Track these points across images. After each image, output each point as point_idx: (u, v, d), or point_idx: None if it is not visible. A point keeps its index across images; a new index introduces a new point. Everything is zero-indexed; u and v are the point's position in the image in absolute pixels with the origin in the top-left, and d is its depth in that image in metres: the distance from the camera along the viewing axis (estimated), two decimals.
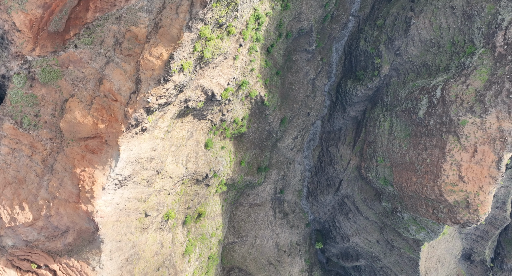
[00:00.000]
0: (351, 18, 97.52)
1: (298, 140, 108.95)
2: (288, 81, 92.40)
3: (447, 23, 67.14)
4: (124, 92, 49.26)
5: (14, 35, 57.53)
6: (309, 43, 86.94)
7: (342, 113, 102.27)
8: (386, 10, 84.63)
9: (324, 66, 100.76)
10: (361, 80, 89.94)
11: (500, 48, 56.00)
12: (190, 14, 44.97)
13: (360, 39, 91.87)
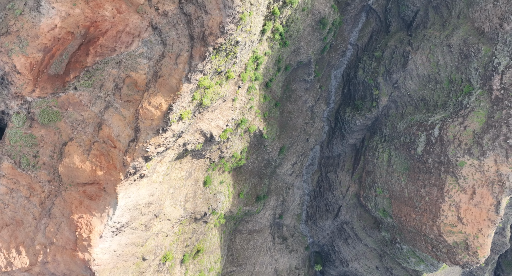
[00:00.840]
0: (349, 47, 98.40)
1: (297, 165, 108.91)
2: (287, 110, 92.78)
3: (444, 61, 67.78)
4: (123, 139, 49.39)
5: (14, 77, 57.92)
6: (307, 74, 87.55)
7: (341, 140, 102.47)
8: (384, 42, 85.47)
9: (323, 93, 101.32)
10: (360, 110, 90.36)
11: (497, 91, 56.43)
12: (189, 66, 45.38)
13: (359, 68, 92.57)
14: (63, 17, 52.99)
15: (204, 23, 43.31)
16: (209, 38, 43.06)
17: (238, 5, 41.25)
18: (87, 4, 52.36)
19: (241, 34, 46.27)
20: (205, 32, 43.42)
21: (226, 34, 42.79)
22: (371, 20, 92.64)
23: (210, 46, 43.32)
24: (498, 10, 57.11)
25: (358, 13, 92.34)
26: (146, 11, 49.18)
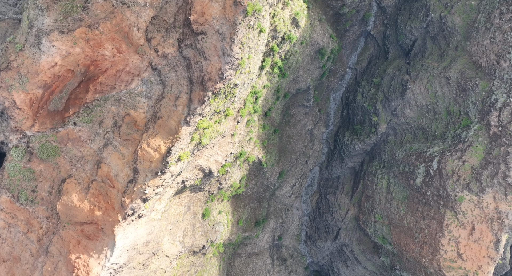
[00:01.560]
0: (348, 70, 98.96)
1: (296, 187, 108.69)
2: (286, 135, 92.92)
3: (442, 92, 68.13)
4: (121, 178, 49.37)
5: (14, 112, 58.12)
6: (306, 99, 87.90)
7: (340, 163, 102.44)
8: (382, 68, 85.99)
9: (322, 116, 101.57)
10: (359, 135, 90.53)
11: (495, 128, 56.63)
12: (188, 109, 45.58)
13: (358, 93, 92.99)
14: (64, 56, 53.36)
15: (203, 68, 43.62)
16: (208, 83, 43.34)
17: (237, 52, 41.60)
18: (87, 43, 52.79)
19: (240, 76, 46.59)
20: (204, 77, 43.71)
21: (225, 80, 43.08)
22: (370, 45, 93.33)
23: (209, 91, 43.59)
24: (495, 47, 57.61)
25: (356, 38, 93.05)
26: (146, 52, 49.56)
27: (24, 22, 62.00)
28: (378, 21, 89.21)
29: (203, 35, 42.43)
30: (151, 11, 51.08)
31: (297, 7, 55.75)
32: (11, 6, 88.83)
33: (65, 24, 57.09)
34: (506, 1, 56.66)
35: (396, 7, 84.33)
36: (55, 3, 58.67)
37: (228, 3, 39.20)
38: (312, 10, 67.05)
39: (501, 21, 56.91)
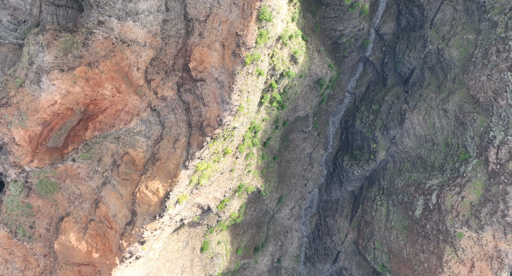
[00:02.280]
0: (347, 94, 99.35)
1: (295, 209, 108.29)
2: (285, 160, 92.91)
3: (441, 124, 68.35)
4: (119, 220, 49.22)
5: (13, 147, 58.17)
6: (305, 125, 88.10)
7: (339, 186, 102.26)
8: (381, 95, 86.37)
9: (321, 139, 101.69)
10: (358, 160, 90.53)
11: (493, 165, 56.72)
12: (187, 153, 45.67)
13: (356, 118, 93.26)
14: (63, 94, 53.63)
15: (202, 113, 43.82)
16: (207, 129, 43.50)
17: (236, 99, 41.84)
18: (87, 82, 53.10)
19: (239, 119, 46.78)
20: (203, 123, 43.89)
21: (223, 126, 43.23)
22: (368, 71, 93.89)
23: (208, 137, 43.70)
24: (492, 84, 58.01)
25: (355, 64, 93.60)
26: (145, 94, 49.83)
27: (24, 56, 62.41)
28: (377, 47, 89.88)
29: (202, 82, 42.70)
30: (150, 52, 51.49)
31: (296, 45, 56.22)
32: (12, 31, 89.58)
33: (65, 61, 57.48)
34: (502, 39, 57.21)
35: (394, 35, 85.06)
36: (56, 40, 59.21)
37: (227, 53, 39.53)
38: (311, 43, 67.60)
39: (497, 59, 57.38)
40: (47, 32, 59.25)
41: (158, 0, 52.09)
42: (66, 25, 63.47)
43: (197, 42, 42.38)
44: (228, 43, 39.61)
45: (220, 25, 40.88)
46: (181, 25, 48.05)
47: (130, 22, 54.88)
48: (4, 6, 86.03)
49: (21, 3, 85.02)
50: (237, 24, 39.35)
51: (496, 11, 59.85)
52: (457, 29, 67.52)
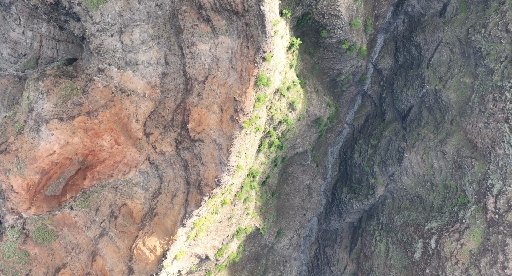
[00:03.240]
0: (345, 126, 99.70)
1: (294, 239, 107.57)
2: (284, 193, 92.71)
3: (439, 165, 68.43)
4: (116, 275, 48.80)
5: (10, 194, 58.03)
6: (304, 159, 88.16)
7: (338, 217, 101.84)
8: (379, 130, 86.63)
9: (320, 170, 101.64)
10: (356, 194, 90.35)
11: (492, 213, 56.62)
12: (184, 210, 45.57)
13: (355, 151, 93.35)
14: (62, 145, 53.75)
15: (200, 172, 43.88)
16: (205, 188, 43.49)
17: (234, 160, 41.94)
18: (86, 133, 53.27)
19: (237, 175, 46.84)
20: (201, 182, 43.91)
21: (221, 185, 43.24)
22: (367, 104, 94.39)
23: (206, 196, 43.67)
24: (490, 132, 58.31)
25: (353, 97, 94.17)
26: (144, 147, 49.95)
27: (24, 101, 62.73)
28: (375, 82, 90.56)
29: (200, 142, 42.87)
30: (150, 103, 51.81)
31: (294, 94, 56.63)
32: (12, 63, 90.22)
33: (64, 109, 57.77)
34: (498, 88, 57.71)
35: (392, 70, 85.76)
36: (56, 86, 59.63)
37: (225, 118, 39.79)
38: (309, 85, 68.10)
39: (494, 107, 57.79)
40: (47, 79, 59.68)
41: (157, 53, 52.66)
42: (66, 69, 63.92)
43: (196, 103, 42.68)
44: (227, 107, 39.91)
45: (218, 88, 41.23)
46: (180, 80, 48.47)
47: (130, 72, 55.37)
48: (5, 40, 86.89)
49: (22, 38, 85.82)
50: (235, 89, 39.71)
51: (492, 58, 60.49)
52: (454, 71, 68.14)
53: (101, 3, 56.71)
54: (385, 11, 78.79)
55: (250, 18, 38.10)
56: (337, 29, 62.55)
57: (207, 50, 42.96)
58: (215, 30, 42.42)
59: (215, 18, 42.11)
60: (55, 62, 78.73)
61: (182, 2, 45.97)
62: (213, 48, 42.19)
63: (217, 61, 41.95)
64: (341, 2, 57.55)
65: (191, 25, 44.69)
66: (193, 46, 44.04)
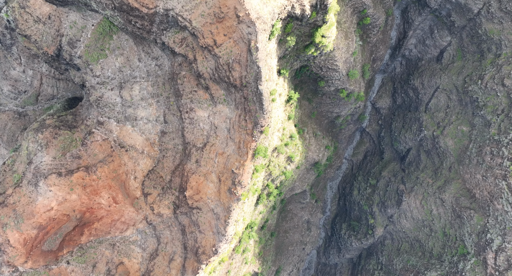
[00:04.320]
0: (344, 161, 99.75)
1: (293, 272, 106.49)
2: (283, 230, 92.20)
3: (438, 212, 68.27)
4: None
5: (7, 248, 57.63)
6: (303, 198, 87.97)
7: (337, 252, 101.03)
8: (378, 169, 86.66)
9: (318, 205, 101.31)
10: (356, 232, 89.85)
11: (492, 269, 56.24)
12: (181, 275, 45.25)
13: (354, 187, 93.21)
14: (60, 201, 53.67)
15: (198, 240, 43.75)
16: (202, 256, 43.30)
17: (231, 230, 41.83)
18: (84, 189, 53.25)
19: (235, 236, 46.66)
20: (198, 249, 43.74)
21: (219, 254, 43.06)
22: (365, 140, 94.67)
23: (203, 264, 43.44)
24: (488, 186, 58.40)
25: (352, 133, 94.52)
26: (142, 207, 49.89)
27: (23, 150, 62.84)
28: (373, 119, 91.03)
29: (198, 210, 42.84)
30: (148, 161, 51.97)
31: (292, 148, 56.85)
32: (12, 99, 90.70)
33: (63, 163, 57.87)
34: (496, 142, 58.01)
35: (390, 110, 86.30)
36: (55, 139, 59.83)
37: (223, 189, 39.86)
38: (307, 132, 68.43)
39: (492, 161, 58.01)
40: (46, 130, 59.92)
41: (157, 111, 53.07)
42: (65, 119, 64.24)
43: (194, 170, 42.83)
44: (224, 178, 40.06)
45: (216, 157, 41.44)
46: (179, 140, 48.70)
47: (129, 127, 55.69)
48: (6, 77, 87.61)
49: (22, 76, 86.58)
50: (233, 160, 39.93)
51: (489, 110, 60.96)
52: (452, 118, 68.57)
53: (102, 58, 57.44)
54: (383, 54, 79.74)
55: (248, 93, 38.56)
56: (335, 80, 63.23)
57: (205, 117, 43.32)
58: (213, 99, 42.86)
59: (213, 87, 42.60)
60: (55, 105, 79.26)
61: (181, 67, 46.56)
62: (212, 116, 42.57)
63: (216, 130, 42.27)
64: (338, 57, 58.30)
65: (190, 91, 45.17)
66: (191, 111, 44.42)
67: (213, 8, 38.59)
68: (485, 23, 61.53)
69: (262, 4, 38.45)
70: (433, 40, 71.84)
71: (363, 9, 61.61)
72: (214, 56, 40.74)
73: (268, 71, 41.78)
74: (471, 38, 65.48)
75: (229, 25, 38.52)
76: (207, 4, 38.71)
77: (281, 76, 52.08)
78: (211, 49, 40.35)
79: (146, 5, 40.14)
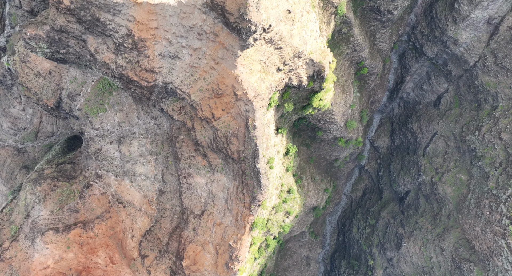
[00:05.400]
0: (343, 196, 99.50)
1: None
2: (282, 268, 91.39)
3: (437, 260, 67.75)
4: None
5: None
6: (302, 237, 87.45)
7: None
8: (377, 208, 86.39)
9: (318, 240, 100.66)
10: (355, 271, 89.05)
11: None
12: None
13: (353, 225, 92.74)
14: (57, 260, 53.30)
15: None
16: None
17: None
18: (81, 248, 52.94)
19: None
20: None
21: None
22: (364, 177, 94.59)
23: None
24: (487, 241, 58.15)
25: (351, 170, 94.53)
26: (139, 270, 49.53)
27: (21, 201, 62.69)
28: (372, 157, 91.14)
29: None
30: (146, 219, 51.82)
31: (290, 204, 56.78)
32: (12, 135, 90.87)
33: (60, 217, 57.69)
34: (494, 196, 58.00)
35: (388, 150, 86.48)
36: (53, 191, 59.77)
37: (220, 262, 39.63)
38: (306, 178, 68.42)
39: (491, 216, 57.88)
40: (44, 182, 59.88)
41: (155, 168, 53.18)
42: (64, 168, 64.27)
43: (191, 238, 42.68)
44: (222, 251, 39.91)
45: (214, 227, 41.36)
46: (177, 201, 48.65)
47: (127, 182, 55.71)
48: (5, 114, 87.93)
49: (22, 114, 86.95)
50: (230, 233, 39.84)
51: (487, 162, 61.08)
52: (450, 165, 68.65)
53: (101, 112, 57.83)
54: (381, 97, 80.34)
55: (246, 167, 38.73)
56: (333, 130, 63.54)
57: (203, 184, 43.37)
58: (211, 166, 42.98)
59: (211, 155, 42.76)
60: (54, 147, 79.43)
61: (179, 131, 46.82)
62: (210, 184, 42.62)
63: (213, 198, 42.27)
64: (336, 112, 58.74)
65: (188, 156, 45.33)
66: (189, 177, 44.50)
67: (212, 85, 39.04)
68: (482, 75, 62.18)
69: (259, 80, 38.92)
70: (430, 86, 72.48)
71: (360, 61, 62.33)
72: (212, 128, 41.02)
73: (266, 140, 42.02)
74: (468, 87, 66.08)
75: (227, 101, 38.91)
76: (206, 81, 39.18)
77: (279, 133, 52.35)
78: (209, 121, 40.66)
79: (145, 79, 40.61)
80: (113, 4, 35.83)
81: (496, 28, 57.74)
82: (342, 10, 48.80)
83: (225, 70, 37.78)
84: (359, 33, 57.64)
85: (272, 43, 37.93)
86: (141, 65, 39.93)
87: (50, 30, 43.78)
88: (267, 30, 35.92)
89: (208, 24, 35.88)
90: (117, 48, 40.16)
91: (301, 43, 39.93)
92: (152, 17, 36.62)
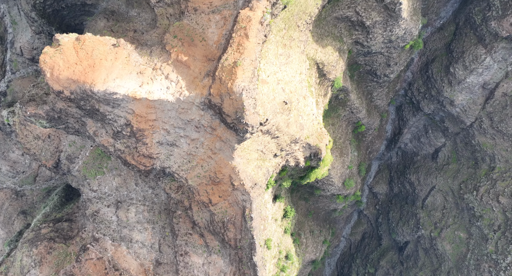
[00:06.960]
0: (342, 239, 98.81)
1: None
2: None
3: None
4: None
5: None
6: None
7: None
8: (376, 256, 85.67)
9: None
10: None
11: None
12: None
13: (353, 270, 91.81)
14: None
15: None
16: None
17: None
18: None
19: None
20: None
21: None
22: (363, 221, 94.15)
23: None
24: None
25: (349, 214, 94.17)
26: None
27: (17, 261, 62.15)
28: (371, 203, 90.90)
29: None
30: None
31: (289, 269, 56.35)
32: (10, 177, 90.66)
33: None
34: (494, 261, 57.62)
35: (387, 197, 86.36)
36: (49, 254, 59.33)
37: None
38: (304, 234, 68.06)
39: None
40: (41, 244, 59.45)
41: (152, 237, 52.96)
42: (61, 226, 63.97)
43: None
44: None
45: None
46: None
47: (124, 248, 55.38)
48: (4, 158, 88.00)
49: (21, 158, 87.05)
50: None
51: (486, 223, 60.93)
52: (449, 220, 68.42)
53: (99, 174, 57.94)
54: (379, 146, 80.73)
55: (243, 256, 38.61)
56: (331, 189, 63.60)
57: (200, 265, 43.14)
58: (208, 247, 42.83)
59: (209, 237, 42.66)
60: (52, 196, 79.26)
61: (177, 206, 46.82)
62: (206, 265, 42.40)
63: None
64: (333, 175, 58.94)
65: (185, 233, 45.20)
66: (186, 255, 44.28)
67: (209, 172, 39.24)
68: (478, 136, 62.64)
69: (256, 168, 39.14)
70: (428, 139, 72.89)
71: (358, 121, 62.88)
72: (209, 211, 41.04)
73: (263, 221, 41.96)
74: (465, 145, 66.46)
75: (224, 189, 39.04)
76: (203, 168, 39.40)
77: (277, 201, 52.37)
78: (207, 205, 40.71)
79: (143, 164, 40.84)
80: (112, 99, 36.37)
81: (492, 93, 58.49)
82: (339, 84, 49.52)
83: (222, 160, 38.06)
84: (355, 98, 58.36)
85: (269, 134, 38.34)
86: (139, 151, 40.23)
87: (50, 110, 44.33)
88: (264, 124, 36.35)
89: (205, 119, 36.34)
90: (115, 134, 40.55)
91: (298, 130, 40.36)
92: (150, 111, 37.12)
